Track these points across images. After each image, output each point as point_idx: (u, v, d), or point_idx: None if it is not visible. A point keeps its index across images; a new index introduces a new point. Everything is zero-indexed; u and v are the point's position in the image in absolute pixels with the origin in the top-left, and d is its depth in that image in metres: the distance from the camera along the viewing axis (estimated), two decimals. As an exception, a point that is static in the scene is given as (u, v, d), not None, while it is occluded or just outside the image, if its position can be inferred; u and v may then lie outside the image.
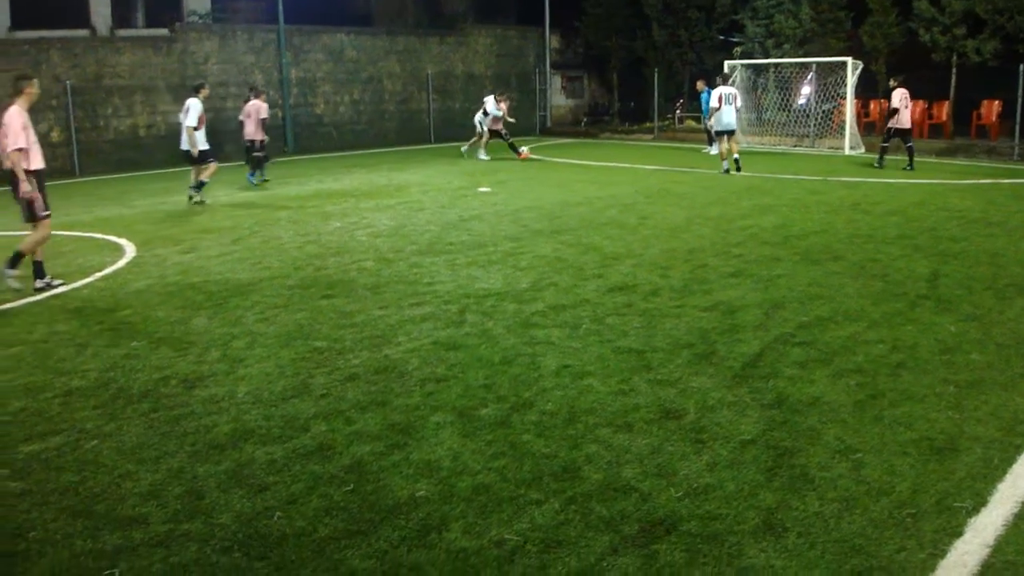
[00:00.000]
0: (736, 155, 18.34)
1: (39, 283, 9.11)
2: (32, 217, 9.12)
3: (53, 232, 12.92)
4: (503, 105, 22.79)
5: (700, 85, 23.86)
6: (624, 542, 3.79)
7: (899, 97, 18.78)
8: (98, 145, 23.65)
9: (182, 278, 9.35)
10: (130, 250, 11.15)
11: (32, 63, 22.86)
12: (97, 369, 6.40)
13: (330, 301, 8.09)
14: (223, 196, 15.92)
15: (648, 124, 30.40)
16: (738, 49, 27.47)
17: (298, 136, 26.87)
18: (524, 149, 22.65)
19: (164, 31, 25.92)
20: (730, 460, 4.56)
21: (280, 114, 26.15)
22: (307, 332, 7.09)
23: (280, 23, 26.55)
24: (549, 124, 33.29)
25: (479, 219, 12.57)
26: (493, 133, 22.75)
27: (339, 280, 8.95)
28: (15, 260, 9.11)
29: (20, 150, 8.76)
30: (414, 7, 33.74)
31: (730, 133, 18.54)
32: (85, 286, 9.20)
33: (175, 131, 23.84)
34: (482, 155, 22.56)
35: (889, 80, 19.57)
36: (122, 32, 26.29)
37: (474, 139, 23.21)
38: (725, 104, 18.38)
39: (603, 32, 32.71)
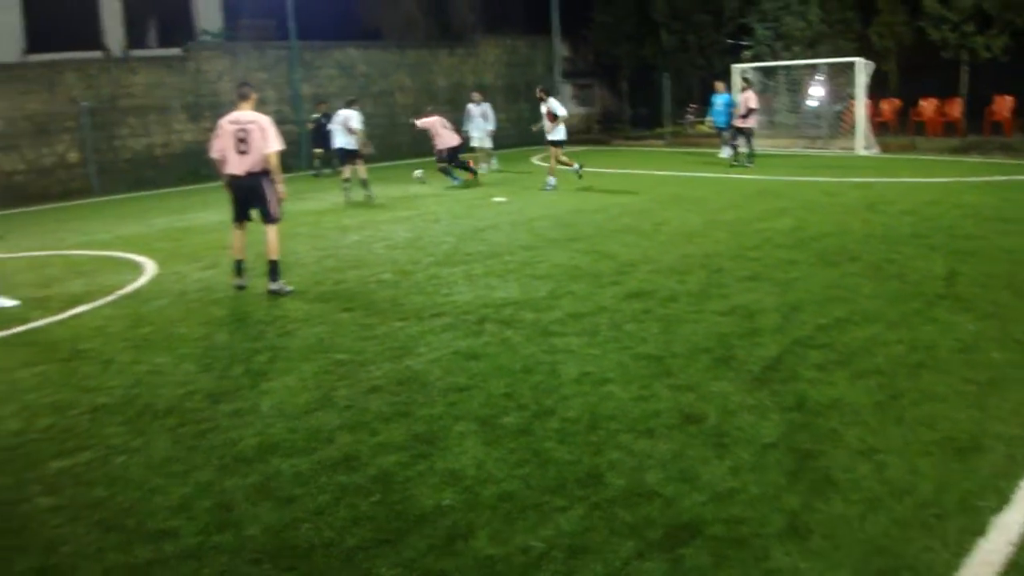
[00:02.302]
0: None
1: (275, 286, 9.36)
2: (273, 218, 9.40)
3: (75, 252, 13.11)
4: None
5: (720, 87, 23.33)
6: (649, 547, 3.82)
7: (756, 99, 20.87)
8: (115, 165, 23.85)
9: (203, 294, 9.45)
10: (151, 268, 11.26)
11: (47, 85, 23.13)
12: (123, 386, 6.49)
13: (350, 314, 8.16)
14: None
15: (659, 130, 30.42)
16: (747, 52, 27.48)
17: (309, 152, 27.02)
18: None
19: (177, 51, 26.14)
20: (752, 464, 4.58)
21: (295, 130, 26.34)
22: (328, 345, 7.16)
23: (292, 40, 26.73)
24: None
25: (494, 229, 12.63)
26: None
27: (358, 293, 9.03)
28: (273, 271, 9.32)
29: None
30: (423, 20, 33.92)
31: None
32: (107, 304, 9.28)
33: (191, 149, 24.17)
34: (484, 167, 21.46)
35: (743, 84, 21.82)
36: (136, 52, 26.53)
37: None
38: None
39: (612, 39, 32.79)
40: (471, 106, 21.98)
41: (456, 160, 19.56)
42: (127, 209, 19.27)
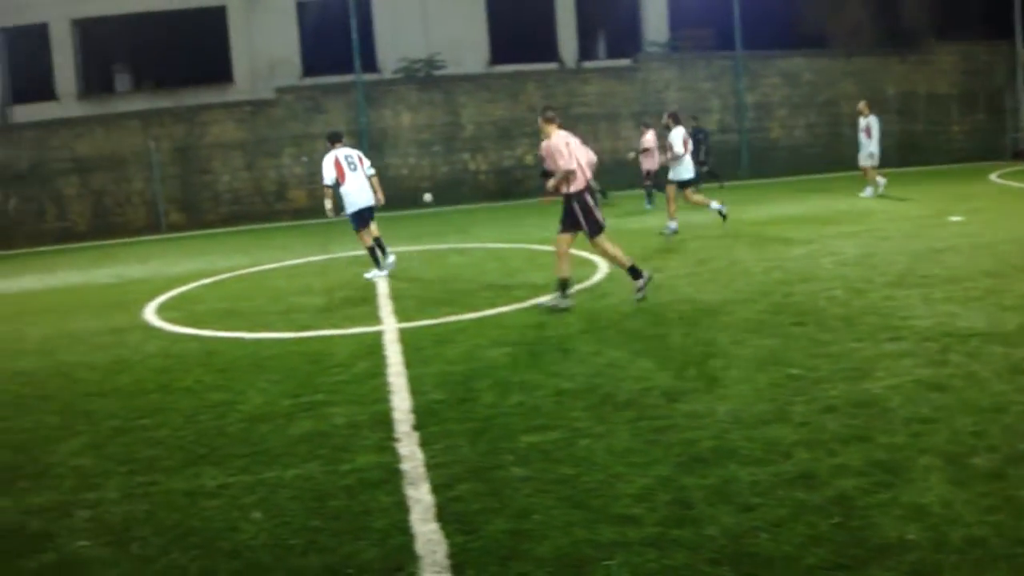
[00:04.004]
0: None
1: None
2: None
3: (534, 247, 14.31)
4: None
5: None
6: None
7: None
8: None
9: (653, 295, 9.82)
10: (602, 266, 12.00)
11: (510, 94, 25.47)
12: (583, 374, 7.00)
13: (801, 329, 8.07)
14: (695, 218, 16.33)
15: None
16: None
17: (752, 160, 27.03)
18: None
19: (626, 61, 27.50)
20: None
21: (737, 138, 26.57)
22: (780, 358, 7.14)
23: (737, 49, 26.90)
24: (1023, 146, 30.15)
25: (952, 251, 11.76)
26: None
27: (808, 308, 8.90)
28: (636, 273, 9.71)
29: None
30: (871, 25, 32.40)
31: None
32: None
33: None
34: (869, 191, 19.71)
35: None
36: (587, 64, 28.33)
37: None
38: None
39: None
40: (860, 120, 20.64)
41: (654, 182, 20.02)
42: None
